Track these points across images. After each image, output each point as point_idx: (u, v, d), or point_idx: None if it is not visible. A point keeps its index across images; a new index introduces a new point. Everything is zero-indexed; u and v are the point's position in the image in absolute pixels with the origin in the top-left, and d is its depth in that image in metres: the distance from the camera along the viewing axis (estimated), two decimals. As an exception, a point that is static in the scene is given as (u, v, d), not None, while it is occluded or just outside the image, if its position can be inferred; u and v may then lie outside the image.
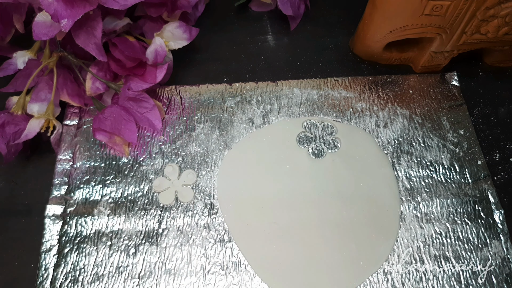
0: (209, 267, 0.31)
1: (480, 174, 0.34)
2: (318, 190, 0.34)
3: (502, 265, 0.31)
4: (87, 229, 0.32)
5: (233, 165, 0.35)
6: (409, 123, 0.37)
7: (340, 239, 0.32)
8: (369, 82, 0.39)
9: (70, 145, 0.36)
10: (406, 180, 0.34)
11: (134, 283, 0.31)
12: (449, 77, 0.39)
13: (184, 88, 0.39)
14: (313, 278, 0.31)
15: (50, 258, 0.31)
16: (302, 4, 0.43)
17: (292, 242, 0.32)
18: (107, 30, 0.34)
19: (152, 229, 0.33)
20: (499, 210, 0.33)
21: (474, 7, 0.32)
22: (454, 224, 0.33)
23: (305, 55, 0.42)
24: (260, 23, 0.44)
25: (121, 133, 0.34)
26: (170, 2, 0.37)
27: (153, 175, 0.35)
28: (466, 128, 0.37)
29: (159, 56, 0.36)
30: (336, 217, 0.33)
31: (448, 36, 0.35)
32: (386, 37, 0.36)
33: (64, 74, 0.35)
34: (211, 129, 0.37)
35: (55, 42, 0.34)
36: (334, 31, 0.43)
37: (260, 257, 0.31)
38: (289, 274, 0.31)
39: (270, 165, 0.35)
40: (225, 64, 0.41)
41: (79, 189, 0.34)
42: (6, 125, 0.33)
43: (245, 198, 0.34)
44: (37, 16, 0.31)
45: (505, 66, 0.40)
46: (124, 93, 0.34)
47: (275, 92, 0.39)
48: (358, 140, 0.36)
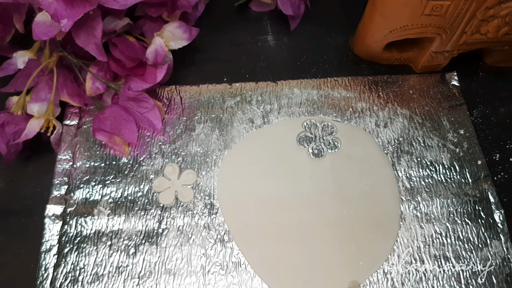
0: (209, 267, 0.31)
1: (480, 174, 0.34)
2: (318, 190, 0.34)
3: (502, 265, 0.31)
4: (87, 229, 0.32)
5: (233, 165, 0.35)
6: (409, 123, 0.37)
7: (340, 239, 0.32)
8: (369, 82, 0.39)
9: (70, 145, 0.36)
10: (406, 180, 0.34)
11: (134, 283, 0.31)
12: (449, 77, 0.39)
13: (184, 88, 0.39)
14: (312, 278, 0.31)
15: (50, 258, 0.31)
16: (302, 4, 0.43)
17: (292, 242, 0.32)
18: (107, 30, 0.34)
19: (152, 229, 0.33)
20: (499, 210, 0.33)
21: (474, 7, 0.32)
22: (454, 224, 0.33)
23: (305, 55, 0.42)
24: (260, 23, 0.44)
25: (121, 133, 0.34)
26: (170, 2, 0.37)
27: (153, 175, 0.35)
28: (466, 128, 0.37)
29: (159, 56, 0.36)
30: (336, 217, 0.33)
31: (448, 36, 0.35)
32: (386, 37, 0.36)
33: (64, 74, 0.35)
34: (211, 129, 0.37)
35: (55, 42, 0.34)
36: (334, 31, 0.43)
37: (260, 257, 0.31)
38: (288, 274, 0.31)
39: (270, 165, 0.35)
40: (225, 64, 0.41)
41: (79, 189, 0.34)
42: (6, 125, 0.33)
43: (245, 198, 0.34)
44: (37, 16, 0.31)
45: (505, 66, 0.40)
46: (124, 93, 0.34)
47: (275, 92, 0.39)
48: (358, 140, 0.36)
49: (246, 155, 0.35)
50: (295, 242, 0.32)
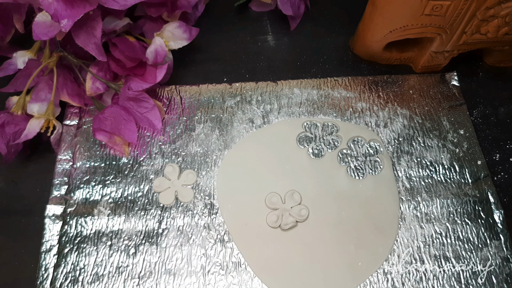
0: (209, 267, 0.31)
1: (480, 174, 0.34)
2: (317, 190, 0.34)
3: (502, 265, 0.31)
4: (87, 229, 0.32)
5: (233, 165, 0.35)
6: (409, 123, 0.37)
7: (339, 240, 0.32)
8: (369, 82, 0.39)
9: (70, 145, 0.36)
10: (406, 180, 0.34)
11: (134, 283, 0.31)
12: (449, 77, 0.39)
13: (184, 88, 0.39)
14: (311, 279, 0.31)
15: (50, 258, 0.31)
16: (302, 4, 0.43)
17: (291, 242, 0.32)
18: (107, 30, 0.34)
19: (152, 229, 0.33)
20: (499, 210, 0.33)
21: (474, 7, 0.32)
22: (454, 224, 0.33)
23: (305, 55, 0.42)
24: (260, 23, 0.44)
25: (121, 133, 0.34)
26: (170, 2, 0.37)
27: (153, 175, 0.35)
28: (466, 128, 0.37)
29: (159, 56, 0.36)
30: (335, 217, 0.33)
31: (448, 36, 0.35)
32: (386, 37, 0.36)
33: (64, 74, 0.35)
34: (211, 129, 0.37)
35: (55, 42, 0.34)
36: (334, 31, 0.43)
37: (259, 258, 0.31)
38: (287, 275, 0.31)
39: (270, 165, 0.35)
40: (225, 64, 0.41)
41: (79, 189, 0.34)
42: (6, 125, 0.33)
43: (245, 198, 0.34)
44: (37, 16, 0.31)
45: (505, 66, 0.40)
46: (124, 93, 0.34)
47: (275, 92, 0.39)
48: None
49: (246, 155, 0.35)
50: (294, 242, 0.32)
